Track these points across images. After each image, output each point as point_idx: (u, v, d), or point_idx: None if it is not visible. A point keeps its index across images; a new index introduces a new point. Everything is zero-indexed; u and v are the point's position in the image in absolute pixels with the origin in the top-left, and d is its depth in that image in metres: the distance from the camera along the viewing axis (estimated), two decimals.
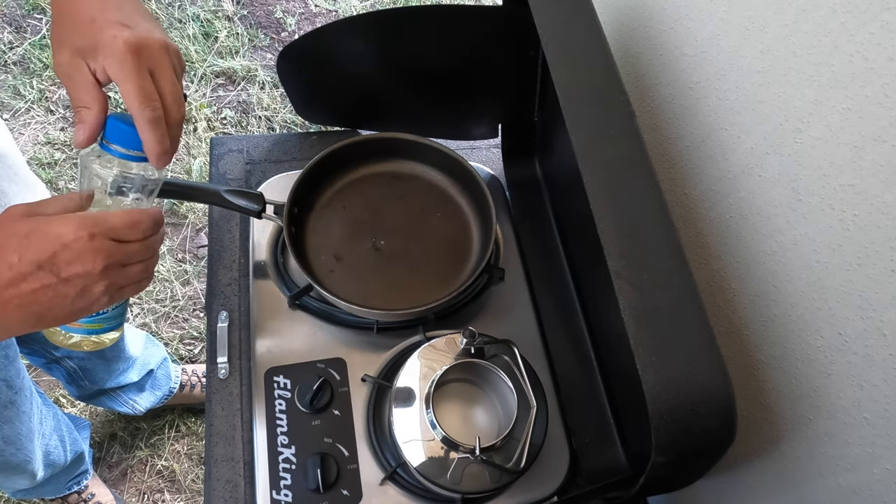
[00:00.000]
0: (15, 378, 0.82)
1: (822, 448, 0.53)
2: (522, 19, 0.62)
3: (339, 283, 0.73)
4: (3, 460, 0.88)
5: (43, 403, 1.00)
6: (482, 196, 0.77)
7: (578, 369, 0.75)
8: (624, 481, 0.63)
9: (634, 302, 0.41)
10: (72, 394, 1.16)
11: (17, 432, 0.87)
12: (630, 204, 0.45)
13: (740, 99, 0.56)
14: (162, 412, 1.44)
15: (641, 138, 0.48)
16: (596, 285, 0.75)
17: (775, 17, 0.51)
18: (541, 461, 0.68)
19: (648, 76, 0.70)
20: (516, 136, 0.88)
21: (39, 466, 0.99)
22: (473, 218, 0.81)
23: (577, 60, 0.52)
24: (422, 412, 0.57)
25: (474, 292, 0.78)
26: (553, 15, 0.54)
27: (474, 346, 0.59)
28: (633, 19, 0.72)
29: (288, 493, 0.63)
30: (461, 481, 0.56)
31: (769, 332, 0.57)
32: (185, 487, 1.38)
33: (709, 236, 0.64)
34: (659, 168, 0.68)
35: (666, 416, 0.39)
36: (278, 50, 1.43)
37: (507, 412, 0.57)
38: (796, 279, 0.53)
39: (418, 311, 0.68)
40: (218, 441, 0.69)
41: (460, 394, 0.58)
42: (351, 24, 0.73)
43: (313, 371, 0.69)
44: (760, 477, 0.61)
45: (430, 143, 0.80)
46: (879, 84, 0.42)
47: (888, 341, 0.45)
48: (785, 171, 0.52)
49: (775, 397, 0.57)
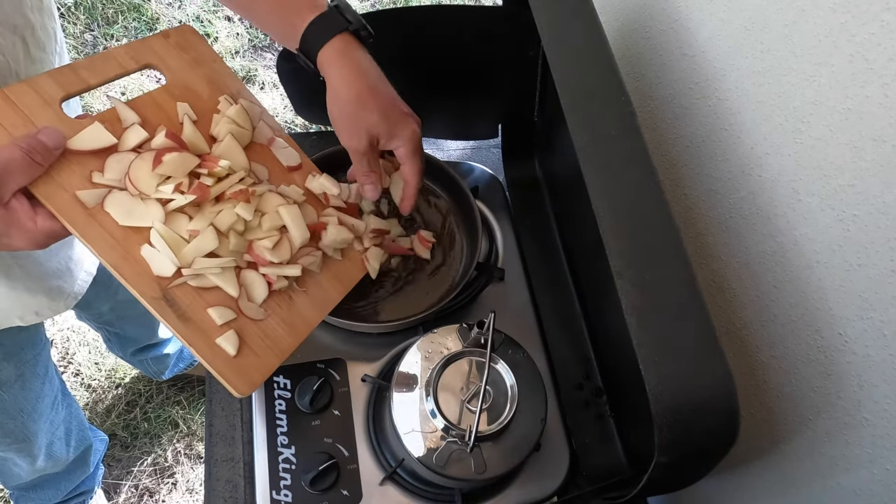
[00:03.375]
0: (27, 350, 0.83)
1: (822, 448, 0.53)
2: (522, 19, 0.62)
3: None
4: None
5: (62, 393, 1.01)
6: (467, 203, 0.78)
7: (578, 369, 0.75)
8: (624, 481, 0.64)
9: (636, 301, 0.41)
10: (110, 349, 1.27)
11: (20, 408, 0.88)
12: (632, 204, 0.45)
13: (740, 99, 0.56)
14: (164, 410, 1.44)
15: (643, 138, 0.48)
16: (596, 285, 0.75)
17: (775, 17, 0.51)
18: (541, 461, 0.68)
19: (648, 76, 0.70)
20: (516, 136, 0.88)
21: (41, 452, 0.99)
22: (459, 224, 0.82)
23: (577, 60, 0.52)
24: (422, 400, 0.58)
25: (474, 292, 0.78)
26: (553, 15, 0.54)
27: (484, 336, 0.59)
28: (633, 19, 0.72)
29: (288, 493, 0.63)
30: (460, 472, 0.56)
31: (769, 332, 0.57)
32: (185, 487, 1.38)
33: (709, 236, 0.64)
34: (659, 168, 0.68)
35: (669, 416, 0.39)
36: (278, 50, 1.43)
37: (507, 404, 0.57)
38: (796, 279, 0.53)
39: (409, 321, 0.69)
40: (218, 441, 0.68)
41: (460, 384, 0.58)
42: None
43: (313, 371, 0.69)
44: (760, 476, 0.61)
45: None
46: (879, 84, 0.42)
47: (888, 341, 0.45)
48: (785, 171, 0.52)
49: (775, 397, 0.57)
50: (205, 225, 0.54)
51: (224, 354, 0.52)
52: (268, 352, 0.55)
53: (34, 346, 0.84)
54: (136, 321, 1.13)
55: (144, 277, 0.50)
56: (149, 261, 0.51)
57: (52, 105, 0.49)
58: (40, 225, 0.46)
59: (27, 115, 0.48)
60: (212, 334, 0.52)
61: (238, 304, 0.55)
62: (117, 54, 0.55)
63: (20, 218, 0.45)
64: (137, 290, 0.49)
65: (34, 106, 0.48)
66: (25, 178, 0.45)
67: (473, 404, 0.56)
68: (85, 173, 0.49)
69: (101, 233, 0.49)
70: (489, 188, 0.88)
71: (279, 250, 0.58)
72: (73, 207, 0.48)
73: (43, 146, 0.46)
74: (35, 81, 0.49)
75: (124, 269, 0.49)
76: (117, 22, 1.95)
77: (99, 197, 0.50)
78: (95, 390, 1.46)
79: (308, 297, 0.60)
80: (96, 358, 1.49)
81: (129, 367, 1.48)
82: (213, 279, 0.53)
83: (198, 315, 0.52)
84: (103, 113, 0.53)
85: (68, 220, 0.47)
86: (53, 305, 0.74)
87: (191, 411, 1.46)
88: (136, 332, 1.18)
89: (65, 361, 1.48)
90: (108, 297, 0.98)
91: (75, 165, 0.49)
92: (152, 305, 0.50)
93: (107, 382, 1.47)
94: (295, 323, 0.58)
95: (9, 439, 0.92)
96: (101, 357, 1.49)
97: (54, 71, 0.50)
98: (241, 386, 0.52)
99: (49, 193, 0.47)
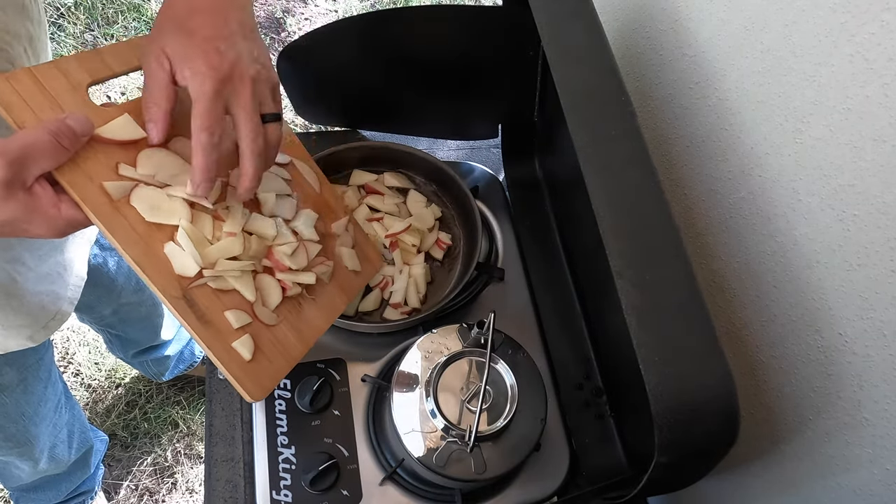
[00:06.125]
0: (29, 356, 0.83)
1: (822, 448, 0.53)
2: (522, 19, 0.62)
3: None
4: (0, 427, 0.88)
5: (65, 397, 1.01)
6: (467, 203, 0.78)
7: (578, 369, 0.75)
8: (624, 481, 0.64)
9: (636, 301, 0.41)
10: (111, 351, 1.26)
11: (22, 412, 0.87)
12: (632, 204, 0.45)
13: (740, 99, 0.56)
14: (164, 410, 1.44)
15: (643, 138, 0.48)
16: (596, 285, 0.75)
17: (775, 17, 0.51)
18: (541, 461, 0.68)
19: (648, 76, 0.70)
20: (516, 136, 0.88)
21: (43, 455, 0.99)
22: (459, 224, 0.82)
23: (577, 60, 0.52)
24: (422, 400, 0.58)
25: (474, 292, 0.78)
26: (553, 15, 0.54)
27: (484, 336, 0.59)
28: (633, 19, 0.72)
29: (288, 493, 0.63)
30: (460, 472, 0.56)
31: (769, 332, 0.57)
32: (185, 487, 1.38)
33: (709, 236, 0.64)
34: (659, 168, 0.68)
35: (669, 416, 0.39)
36: (278, 50, 1.43)
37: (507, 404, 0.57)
38: (796, 279, 0.53)
39: (409, 321, 0.69)
40: (218, 441, 0.68)
41: (460, 384, 0.58)
42: (351, 24, 0.73)
43: (313, 371, 0.69)
44: (760, 476, 0.61)
45: (415, 153, 0.80)
46: (879, 84, 0.42)
47: (888, 341, 0.45)
48: (785, 171, 0.52)
49: (775, 397, 0.57)
50: (238, 228, 0.54)
51: (239, 359, 0.52)
52: (279, 357, 0.55)
53: (36, 351, 0.84)
54: (138, 324, 1.13)
55: (166, 275, 0.50)
56: (171, 259, 0.50)
57: (79, 90, 0.48)
58: (64, 212, 0.44)
59: (54, 97, 0.46)
60: (228, 338, 0.52)
61: (253, 308, 0.55)
62: (140, 43, 0.53)
63: (43, 204, 0.43)
64: (159, 288, 0.49)
65: (61, 90, 0.47)
66: (51, 162, 0.43)
67: (473, 404, 0.56)
68: (111, 164, 0.48)
69: (126, 226, 0.48)
70: (489, 188, 0.88)
71: (297, 257, 0.59)
72: (98, 198, 0.46)
73: (71, 131, 0.44)
74: (62, 64, 0.47)
75: (146, 266, 0.48)
76: (117, 22, 1.95)
77: (125, 190, 0.48)
78: (95, 390, 1.46)
79: (316, 304, 0.60)
80: (96, 358, 1.49)
81: (129, 367, 1.48)
82: (233, 282, 0.53)
83: (216, 317, 0.52)
84: (129, 103, 0.51)
85: (93, 211, 0.46)
86: (54, 315, 0.74)
87: (191, 411, 1.46)
88: (138, 335, 1.18)
89: (65, 361, 1.48)
90: (110, 301, 0.98)
91: (101, 155, 0.48)
92: (174, 305, 0.49)
93: (107, 382, 1.47)
94: (303, 330, 0.58)
95: (10, 443, 0.91)
96: (101, 357, 1.49)
97: (80, 55, 0.49)
98: (254, 391, 0.52)
99: (74, 181, 0.45)
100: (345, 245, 0.66)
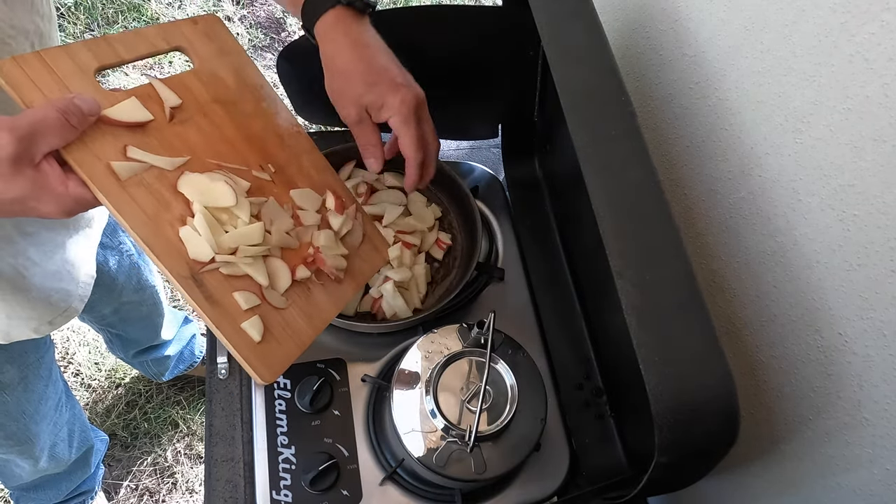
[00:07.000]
0: (30, 353, 0.83)
1: (822, 448, 0.53)
2: (522, 19, 0.62)
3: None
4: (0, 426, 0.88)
5: (66, 395, 1.01)
6: (467, 203, 0.78)
7: (578, 369, 0.75)
8: (624, 481, 0.64)
9: (636, 301, 0.41)
10: (111, 350, 1.27)
11: (23, 410, 0.88)
12: (632, 204, 0.45)
13: (740, 99, 0.56)
14: (164, 410, 1.44)
15: (643, 138, 0.48)
16: (596, 285, 0.75)
17: (775, 17, 0.51)
18: (541, 461, 0.68)
19: (648, 76, 0.70)
20: (516, 136, 0.88)
21: (44, 454, 0.99)
22: (459, 224, 0.82)
23: (577, 60, 0.52)
24: (422, 400, 0.58)
25: (474, 292, 0.78)
26: (553, 15, 0.54)
27: (484, 336, 0.59)
28: (633, 19, 0.72)
29: (288, 493, 0.63)
30: (460, 472, 0.56)
31: (769, 332, 0.57)
32: (185, 487, 1.38)
33: (709, 236, 0.64)
34: (659, 168, 0.68)
35: (669, 416, 0.39)
36: (278, 50, 1.43)
37: (507, 404, 0.57)
38: (796, 279, 0.53)
39: (409, 321, 0.69)
40: (218, 441, 0.68)
41: (460, 384, 0.58)
42: None
43: (313, 371, 0.69)
44: (760, 476, 0.61)
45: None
46: (879, 84, 0.42)
47: (888, 341, 0.45)
48: (785, 171, 0.52)
49: (775, 397, 0.57)
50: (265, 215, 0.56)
51: (249, 339, 0.52)
52: (289, 341, 0.55)
53: (38, 349, 0.84)
54: (138, 323, 1.13)
55: (174, 255, 0.50)
56: (186, 242, 0.50)
57: (87, 74, 0.49)
58: (72, 190, 0.45)
59: (62, 79, 0.47)
60: (237, 318, 0.52)
61: (262, 291, 0.55)
62: (149, 33, 0.54)
63: (51, 181, 0.44)
64: (167, 267, 0.49)
65: (69, 73, 0.47)
66: (59, 139, 0.44)
67: (473, 404, 0.56)
68: (119, 146, 0.49)
69: (133, 206, 0.48)
70: (489, 188, 0.88)
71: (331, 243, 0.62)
72: (105, 177, 0.47)
73: (78, 109, 0.44)
74: (70, 49, 0.48)
75: (155, 245, 0.49)
76: (117, 22, 1.95)
77: (133, 170, 0.49)
78: (95, 390, 1.46)
79: (325, 290, 0.60)
80: (96, 358, 1.49)
81: (129, 367, 1.48)
82: (244, 268, 0.54)
83: (224, 299, 0.52)
84: (137, 88, 0.52)
85: (100, 189, 0.46)
86: (63, 311, 0.74)
87: (191, 411, 1.46)
88: (139, 335, 1.18)
89: (65, 361, 1.48)
90: (111, 300, 0.98)
91: (109, 136, 0.48)
92: (181, 284, 0.49)
93: (107, 382, 1.47)
94: (313, 315, 0.58)
95: (10, 441, 0.91)
96: (101, 357, 1.49)
97: (89, 41, 0.49)
98: (264, 372, 0.52)
99: (82, 160, 0.46)
100: (353, 232, 0.66)
